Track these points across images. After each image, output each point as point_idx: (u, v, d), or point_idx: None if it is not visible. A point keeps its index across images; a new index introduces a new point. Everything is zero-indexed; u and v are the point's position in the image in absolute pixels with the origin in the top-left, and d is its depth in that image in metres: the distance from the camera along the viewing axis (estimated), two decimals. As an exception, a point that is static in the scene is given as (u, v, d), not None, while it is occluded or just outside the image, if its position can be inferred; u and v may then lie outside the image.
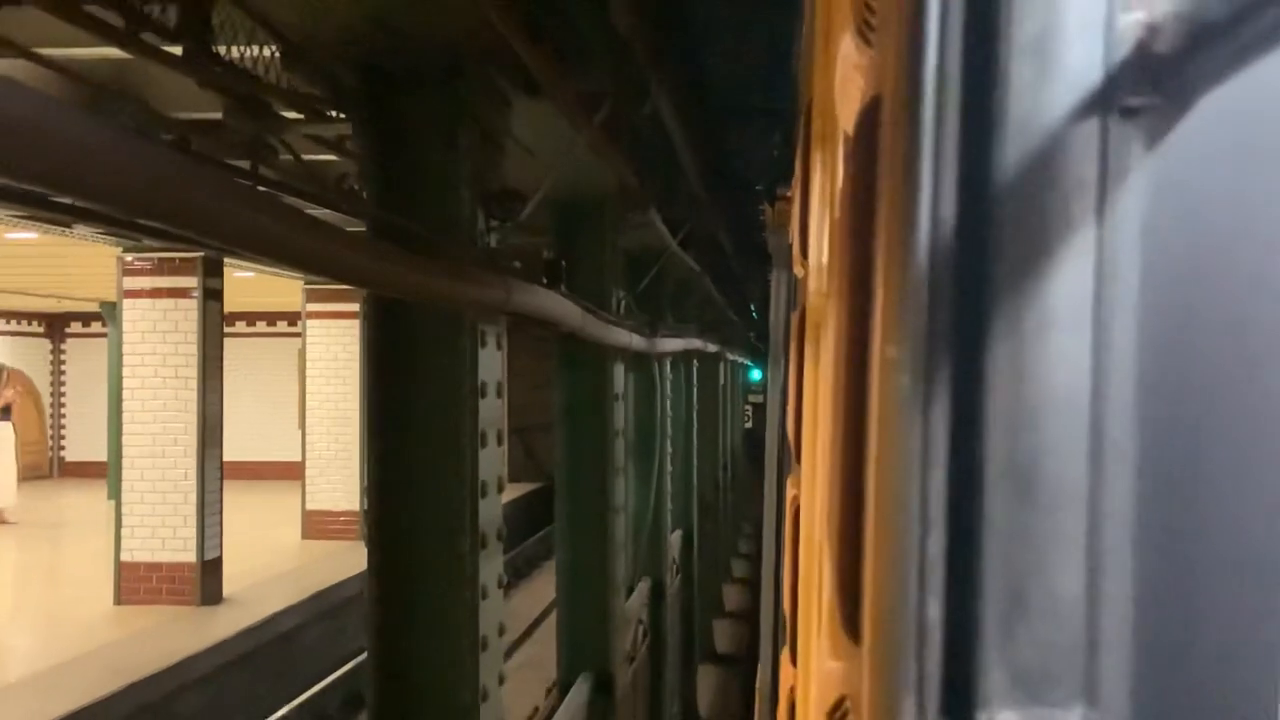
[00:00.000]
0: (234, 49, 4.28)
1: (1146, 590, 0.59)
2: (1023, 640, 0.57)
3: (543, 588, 16.11)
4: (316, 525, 17.70)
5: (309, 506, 17.98)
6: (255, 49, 4.46)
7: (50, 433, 27.37)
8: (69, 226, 10.38)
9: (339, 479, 17.79)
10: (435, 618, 4.37)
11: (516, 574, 19.06)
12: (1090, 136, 0.58)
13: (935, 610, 0.59)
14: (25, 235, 12.07)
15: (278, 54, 4.27)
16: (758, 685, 8.41)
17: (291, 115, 4.78)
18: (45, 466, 26.63)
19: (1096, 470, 0.58)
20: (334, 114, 4.67)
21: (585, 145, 5.43)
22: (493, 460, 4.64)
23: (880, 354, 0.80)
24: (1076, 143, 0.58)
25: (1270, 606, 0.59)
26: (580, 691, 7.53)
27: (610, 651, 7.97)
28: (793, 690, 2.78)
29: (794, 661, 2.84)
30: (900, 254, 0.65)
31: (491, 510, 4.60)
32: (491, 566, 4.60)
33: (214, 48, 4.06)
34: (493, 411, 4.63)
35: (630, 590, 9.74)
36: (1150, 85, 0.57)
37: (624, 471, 8.62)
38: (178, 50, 3.97)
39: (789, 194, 5.16)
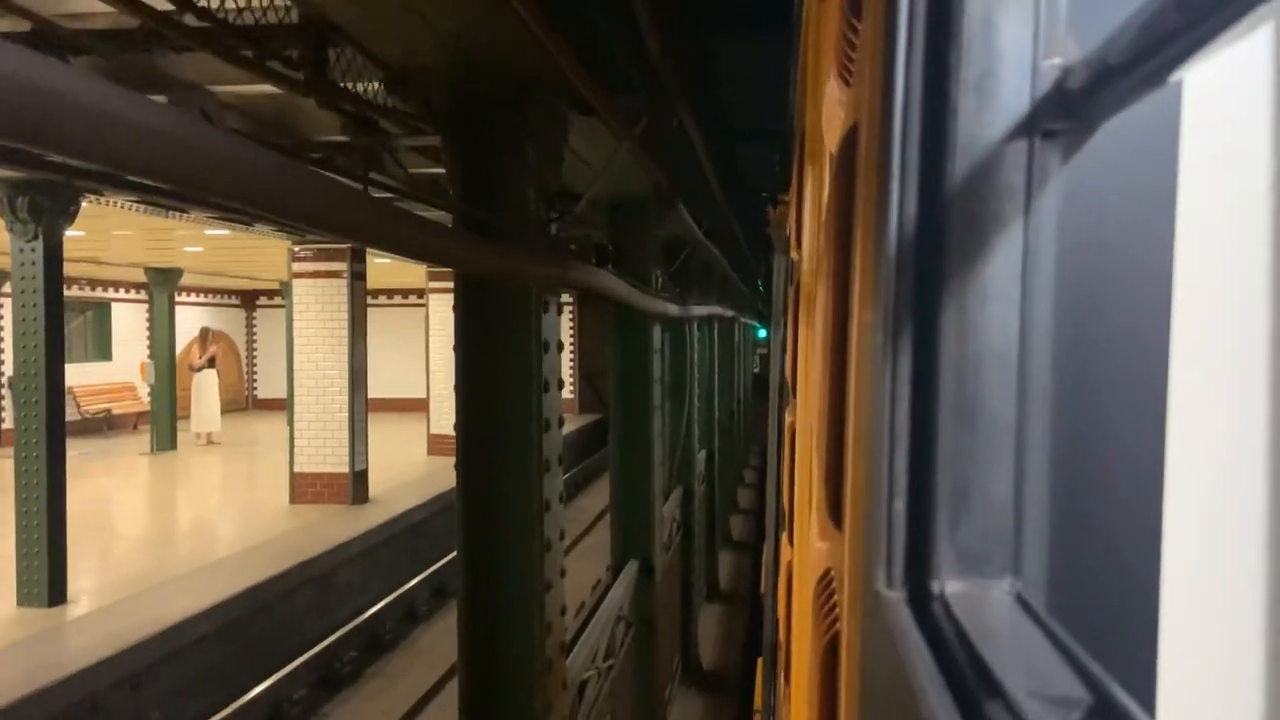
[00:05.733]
0: (349, 80, 4.15)
1: (1057, 492, 0.59)
2: (966, 529, 0.57)
3: (604, 490, 16.22)
4: (438, 445, 17.80)
5: (432, 431, 18.11)
6: (367, 81, 4.28)
7: (246, 377, 27.98)
8: (250, 225, 10.45)
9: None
10: (510, 526, 4.24)
11: (586, 480, 19.19)
12: (1019, 153, 0.57)
13: (901, 506, 0.59)
14: (219, 232, 12.17)
15: (383, 83, 4.12)
16: (763, 560, 8.44)
17: (395, 131, 4.65)
18: (243, 402, 27.29)
19: (1021, 404, 0.58)
20: (429, 131, 4.52)
21: (626, 153, 5.24)
22: (554, 403, 4.43)
23: (859, 318, 0.80)
24: (1009, 158, 0.57)
25: (1145, 499, 0.59)
26: (629, 573, 7.57)
27: (652, 544, 7.98)
28: (789, 564, 2.80)
29: (790, 542, 2.85)
30: (875, 242, 0.64)
31: (553, 442, 4.41)
32: (553, 485, 4.42)
33: (330, 76, 3.94)
34: (553, 363, 4.42)
35: (667, 496, 9.73)
36: (1065, 113, 0.57)
37: (661, 408, 8.58)
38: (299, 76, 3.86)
39: (786, 199, 5.11)
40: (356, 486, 13.19)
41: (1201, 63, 0.44)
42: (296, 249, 13.18)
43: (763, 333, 29.59)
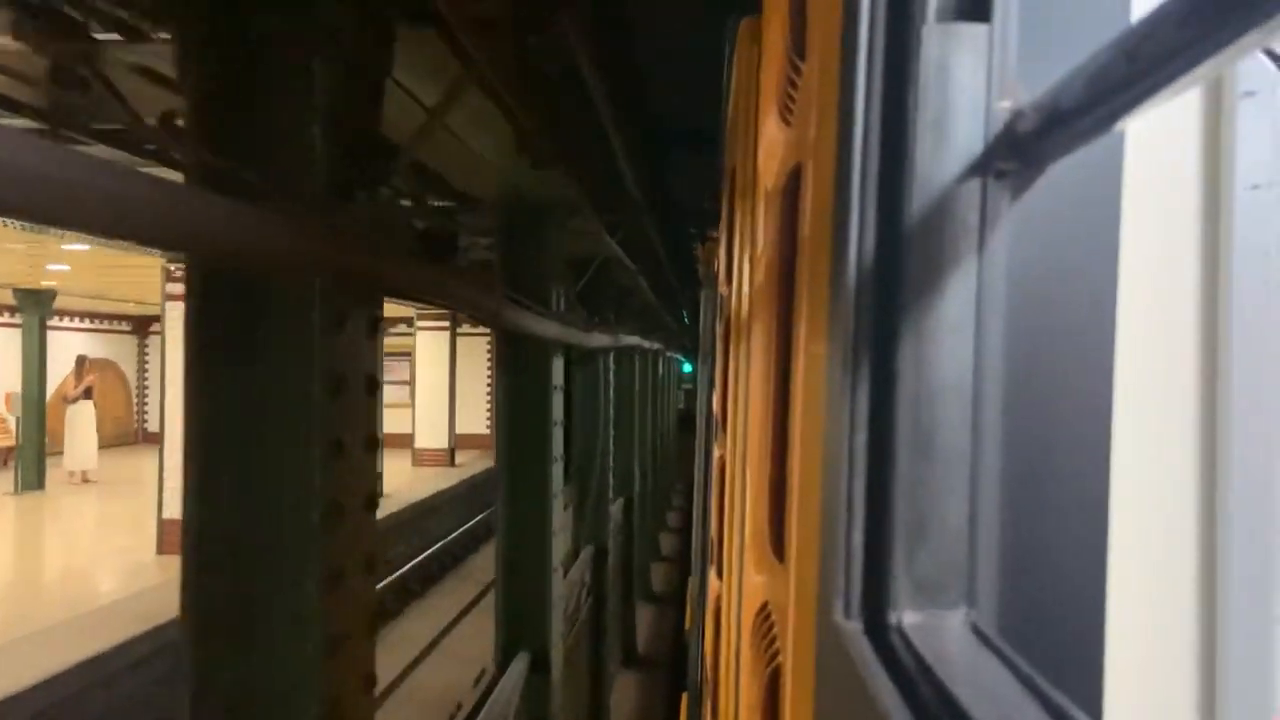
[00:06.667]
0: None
1: (1009, 523, 0.64)
2: (922, 560, 0.61)
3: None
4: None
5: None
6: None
7: (136, 409, 27.42)
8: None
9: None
10: (268, 673, 2.63)
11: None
12: (973, 192, 0.62)
13: (859, 537, 0.63)
14: (77, 247, 11.67)
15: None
16: (689, 593, 8.40)
17: (105, 36, 3.06)
18: (132, 436, 26.59)
19: (975, 436, 0.62)
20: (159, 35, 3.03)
21: (477, 85, 3.55)
22: (355, 474, 2.82)
23: (807, 350, 0.84)
24: (963, 197, 0.62)
25: (1092, 529, 0.65)
26: (517, 670, 6.16)
27: (548, 631, 6.61)
28: (718, 597, 2.84)
29: (719, 576, 2.90)
30: (831, 278, 0.69)
31: (352, 540, 2.78)
32: (349, 609, 2.78)
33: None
34: (355, 412, 2.82)
35: (576, 557, 9.09)
36: (1015, 155, 0.62)
37: (564, 458, 7.23)
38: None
39: (715, 235, 5.17)
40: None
41: (1144, 113, 0.50)
42: (172, 267, 12.62)
43: (689, 367, 29.84)
